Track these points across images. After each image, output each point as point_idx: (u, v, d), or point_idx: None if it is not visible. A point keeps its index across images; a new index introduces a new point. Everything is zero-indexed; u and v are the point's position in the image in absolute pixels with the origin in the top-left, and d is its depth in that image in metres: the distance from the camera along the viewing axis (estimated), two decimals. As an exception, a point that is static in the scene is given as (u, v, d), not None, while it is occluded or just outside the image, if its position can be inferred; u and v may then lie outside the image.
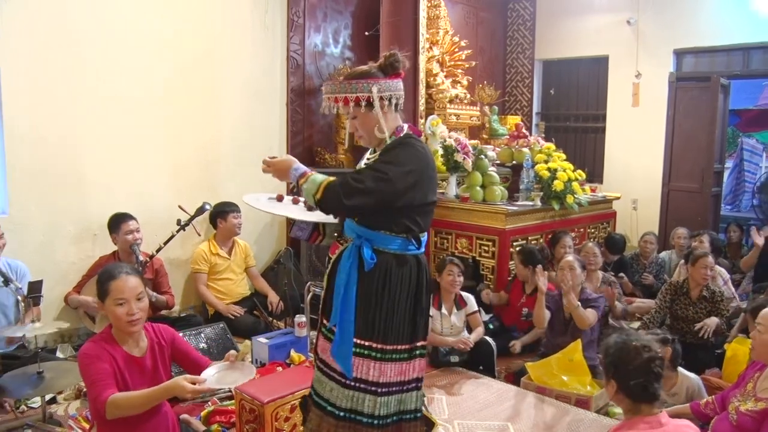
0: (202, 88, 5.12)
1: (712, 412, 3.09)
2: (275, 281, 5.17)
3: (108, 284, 2.60)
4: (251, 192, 5.32)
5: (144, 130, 4.80)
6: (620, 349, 2.28)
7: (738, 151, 11.83)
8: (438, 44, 6.17)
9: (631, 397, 2.22)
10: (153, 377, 2.69)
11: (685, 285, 4.67)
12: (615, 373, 2.25)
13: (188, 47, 5.00)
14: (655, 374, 2.21)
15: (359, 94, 2.39)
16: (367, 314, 2.36)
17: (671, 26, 7.05)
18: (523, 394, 3.98)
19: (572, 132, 8.06)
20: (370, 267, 2.35)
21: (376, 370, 2.37)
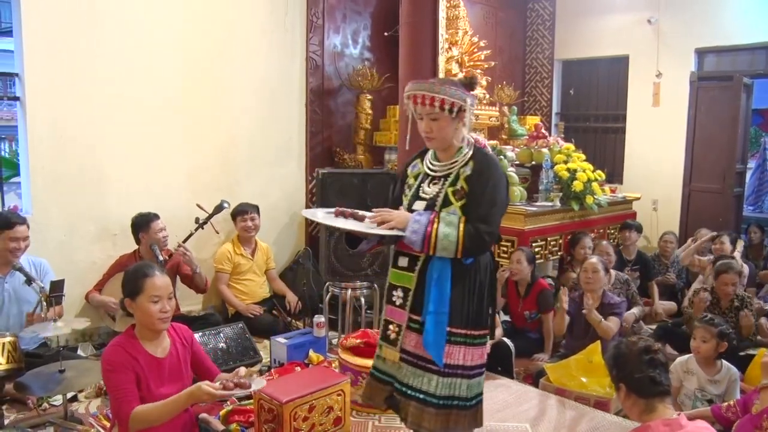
0: (220, 89, 5.16)
1: (734, 416, 3.06)
2: (294, 281, 5.19)
3: (142, 281, 2.64)
4: (269, 192, 5.42)
5: (163, 131, 4.84)
6: (617, 351, 2.33)
7: (761, 151, 11.69)
8: (457, 45, 6.15)
9: (641, 394, 2.21)
10: (176, 378, 2.72)
11: (714, 295, 4.61)
12: (619, 375, 2.27)
13: (207, 49, 5.03)
14: (656, 362, 2.23)
15: (454, 100, 2.46)
16: (461, 304, 2.51)
17: (692, 25, 6.97)
18: (542, 396, 3.96)
19: (592, 132, 8.00)
20: (469, 263, 2.52)
21: (468, 354, 2.54)
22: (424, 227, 2.44)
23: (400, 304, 2.62)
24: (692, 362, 3.70)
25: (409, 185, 2.70)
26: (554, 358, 4.46)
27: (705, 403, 3.53)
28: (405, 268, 2.62)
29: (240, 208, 5.07)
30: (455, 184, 2.53)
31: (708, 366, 3.64)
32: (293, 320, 4.99)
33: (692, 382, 3.66)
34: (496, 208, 2.49)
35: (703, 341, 3.60)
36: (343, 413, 3.25)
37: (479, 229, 2.42)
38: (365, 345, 3.77)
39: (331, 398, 3.18)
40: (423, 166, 2.68)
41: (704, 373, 3.64)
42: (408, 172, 2.75)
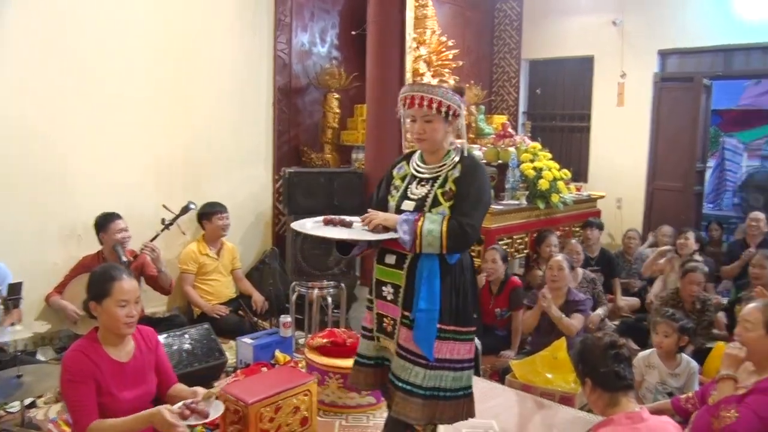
0: (187, 88, 5.10)
1: (692, 407, 3.13)
2: (260, 281, 5.16)
3: (110, 285, 2.59)
4: (236, 191, 5.38)
5: (129, 130, 4.77)
6: (583, 346, 2.37)
7: (720, 151, 11.94)
8: (425, 44, 6.17)
9: (607, 388, 2.25)
10: (139, 382, 2.68)
11: (679, 297, 4.70)
12: (585, 369, 2.31)
13: (174, 47, 4.97)
14: (621, 357, 2.27)
15: (450, 103, 2.55)
16: (448, 302, 2.60)
17: (656, 27, 7.10)
18: (508, 392, 3.99)
19: (558, 131, 8.09)
20: (454, 262, 2.61)
21: (456, 349, 2.63)
22: (411, 225, 2.52)
23: (391, 299, 2.69)
24: (654, 356, 3.79)
25: (395, 186, 2.76)
26: (520, 355, 4.50)
27: (666, 396, 3.61)
28: (393, 266, 2.68)
29: (215, 208, 5.02)
30: (444, 185, 2.61)
31: (669, 360, 3.73)
32: (259, 320, 4.96)
33: (654, 376, 3.73)
34: (480, 205, 2.59)
35: (665, 336, 3.69)
36: (310, 413, 3.24)
37: (461, 222, 2.50)
38: (332, 344, 3.77)
39: (297, 398, 3.17)
40: (409, 168, 2.74)
41: (665, 366, 3.72)
42: (394, 173, 2.80)
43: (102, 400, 2.53)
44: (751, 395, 2.71)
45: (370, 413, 3.70)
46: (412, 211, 2.60)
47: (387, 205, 2.74)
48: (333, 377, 3.67)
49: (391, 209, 2.69)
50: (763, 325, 2.77)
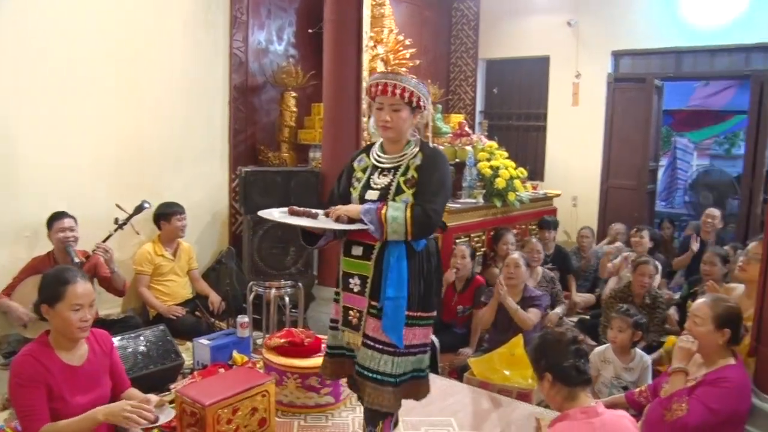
0: (141, 85, 5.00)
1: (645, 400, 3.21)
2: (217, 281, 5.10)
3: (63, 288, 2.52)
4: (192, 190, 5.30)
5: (80, 128, 4.65)
6: (544, 341, 2.40)
7: (671, 150, 12.25)
8: (382, 43, 6.17)
9: (567, 383, 2.28)
10: (92, 386, 2.63)
11: (629, 291, 4.79)
12: (547, 364, 2.33)
13: (127, 44, 4.86)
14: (581, 352, 2.32)
15: (420, 94, 2.64)
16: (414, 289, 2.67)
17: (609, 28, 7.23)
18: (466, 390, 4.02)
19: (514, 130, 8.18)
20: (421, 248, 2.69)
21: (420, 334, 2.74)
22: (374, 214, 2.56)
23: (358, 291, 2.74)
24: (609, 352, 3.86)
25: (357, 178, 2.80)
26: (478, 353, 4.54)
27: (620, 390, 3.69)
28: (360, 257, 2.73)
29: (173, 208, 4.93)
30: (406, 173, 2.68)
31: (623, 355, 3.81)
32: (216, 321, 4.90)
33: (609, 371, 3.81)
34: (442, 190, 2.66)
35: (619, 331, 3.78)
36: (268, 414, 3.22)
37: (424, 207, 2.57)
38: (289, 344, 3.74)
39: (255, 399, 3.14)
40: (370, 159, 2.79)
41: (620, 361, 3.80)
42: (354, 166, 2.84)
43: (54, 405, 2.47)
44: (699, 387, 2.79)
45: (329, 413, 3.69)
46: (376, 200, 2.65)
47: (350, 198, 2.77)
48: (291, 377, 3.65)
49: (355, 200, 2.73)
50: (712, 320, 2.85)
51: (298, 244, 4.47)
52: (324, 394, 3.69)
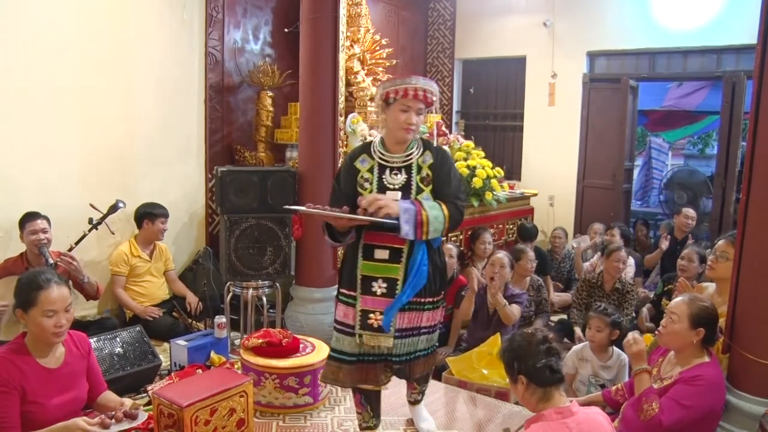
0: (115, 84, 4.94)
1: (621, 398, 3.23)
2: (194, 282, 5.06)
3: (36, 294, 2.48)
4: (168, 190, 5.25)
5: (54, 127, 4.58)
6: (514, 344, 2.39)
7: (647, 150, 12.40)
8: (359, 42, 6.17)
9: (541, 383, 2.28)
10: (69, 388, 2.60)
11: (600, 278, 4.90)
12: (520, 367, 2.32)
13: (101, 41, 4.80)
14: (553, 351, 2.32)
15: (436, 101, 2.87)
16: (432, 280, 2.90)
17: (584, 29, 7.30)
18: (444, 389, 4.03)
19: (491, 130, 8.22)
20: (438, 245, 2.95)
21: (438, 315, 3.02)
22: (414, 215, 2.68)
23: (383, 293, 2.84)
24: (586, 350, 3.90)
25: (365, 179, 2.86)
26: (456, 352, 4.55)
27: (598, 388, 3.73)
28: (386, 260, 2.83)
29: (159, 210, 4.90)
30: (420, 172, 2.83)
31: (601, 353, 3.85)
32: (194, 322, 4.87)
33: (586, 369, 3.84)
34: (461, 185, 2.95)
35: (597, 330, 3.81)
36: (246, 415, 3.19)
37: (456, 203, 2.82)
38: (267, 345, 3.73)
39: (233, 400, 3.12)
40: (374, 159, 2.87)
41: (597, 359, 3.84)
42: (358, 166, 2.88)
43: (27, 409, 2.44)
44: (674, 386, 2.82)
45: (307, 413, 3.68)
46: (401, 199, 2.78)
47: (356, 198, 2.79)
48: (269, 378, 3.63)
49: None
50: (688, 318, 2.88)
51: (275, 244, 4.52)
52: (302, 394, 3.68)
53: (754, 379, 2.96)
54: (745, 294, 3.01)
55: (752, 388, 2.96)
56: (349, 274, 2.92)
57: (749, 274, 2.99)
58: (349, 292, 2.91)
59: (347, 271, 2.93)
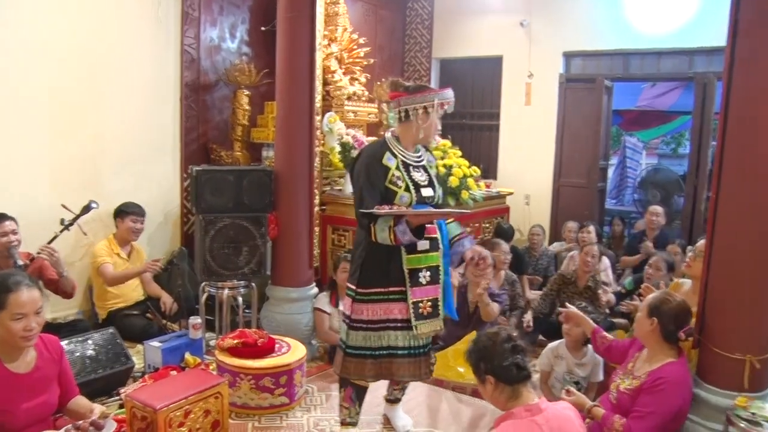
0: (88, 82, 4.87)
1: (602, 346, 3.34)
2: (169, 282, 5.01)
3: (5, 297, 2.43)
4: (142, 190, 5.19)
5: (25, 126, 4.50)
6: (480, 345, 2.41)
7: (621, 149, 12.53)
8: (336, 41, 6.16)
9: (509, 382, 2.29)
10: (40, 392, 2.56)
11: (574, 275, 4.95)
12: (487, 366, 2.34)
13: (74, 39, 4.73)
14: (518, 348, 2.33)
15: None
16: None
17: (560, 30, 7.34)
18: (420, 387, 4.04)
19: (468, 129, 8.24)
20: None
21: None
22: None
23: (428, 281, 3.06)
24: (562, 347, 3.93)
25: (397, 176, 3.00)
26: (432, 350, 4.56)
27: (573, 385, 3.75)
28: (427, 250, 3.05)
29: (130, 209, 4.85)
30: (431, 170, 3.18)
31: (576, 350, 3.88)
32: (168, 323, 4.81)
33: (561, 366, 3.88)
34: None
35: (576, 325, 3.85)
36: (222, 416, 3.18)
37: None
38: (243, 345, 3.72)
39: (208, 401, 3.11)
40: (397, 157, 3.05)
41: (572, 357, 3.88)
42: (387, 164, 3.01)
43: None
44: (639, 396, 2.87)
45: (283, 413, 3.69)
46: (433, 195, 3.10)
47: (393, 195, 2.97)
48: (245, 378, 3.62)
49: (406, 198, 2.98)
50: (647, 306, 2.99)
51: (251, 244, 4.49)
52: (278, 394, 3.67)
53: (722, 373, 3.02)
54: (714, 290, 3.07)
55: (720, 381, 3.03)
56: (388, 271, 3.03)
57: (718, 271, 3.05)
58: (396, 288, 3.04)
59: (384, 270, 3.03)
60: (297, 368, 3.78)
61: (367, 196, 2.96)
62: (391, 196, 2.97)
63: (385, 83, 7.07)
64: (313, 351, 4.65)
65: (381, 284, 3.04)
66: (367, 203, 2.92)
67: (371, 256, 3.03)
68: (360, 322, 3.06)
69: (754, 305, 2.96)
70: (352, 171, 3.13)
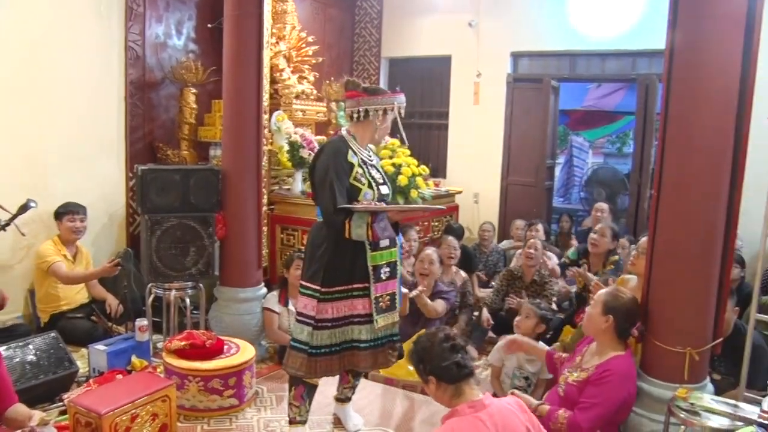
0: (26, 79, 4.71)
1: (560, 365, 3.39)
2: (114, 284, 4.90)
3: None
4: (86, 190, 5.06)
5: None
6: (420, 346, 2.42)
7: (568, 148, 12.77)
8: (285, 39, 6.11)
9: (451, 381, 2.31)
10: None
11: (520, 270, 5.04)
12: (427, 367, 2.36)
13: (13, 35, 4.58)
14: (457, 347, 2.35)
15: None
16: None
17: (508, 30, 7.43)
18: (371, 386, 4.06)
19: (417, 128, 8.28)
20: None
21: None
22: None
23: (388, 277, 3.16)
24: (513, 343, 3.99)
25: (359, 173, 3.07)
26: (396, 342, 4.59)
27: (523, 381, 3.82)
28: (388, 246, 3.15)
29: (69, 208, 4.72)
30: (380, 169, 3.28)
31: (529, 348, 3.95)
32: (114, 325, 4.72)
33: (512, 362, 3.93)
34: None
35: (526, 317, 3.96)
36: (170, 419, 3.14)
37: None
38: (191, 347, 3.66)
39: (155, 405, 3.06)
40: (357, 155, 3.12)
41: (523, 353, 3.93)
42: (352, 161, 3.07)
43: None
44: (586, 388, 2.93)
45: (233, 415, 3.65)
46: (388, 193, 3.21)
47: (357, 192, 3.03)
48: (193, 380, 3.58)
49: (369, 194, 3.05)
50: (601, 303, 3.05)
51: (199, 244, 4.43)
52: (227, 396, 3.64)
53: (663, 365, 3.11)
54: (656, 285, 3.15)
55: (662, 374, 3.11)
56: (353, 269, 3.08)
57: (660, 267, 3.13)
58: (360, 284, 3.10)
59: (348, 268, 3.08)
60: (246, 369, 3.74)
61: (337, 192, 2.98)
62: (355, 193, 3.02)
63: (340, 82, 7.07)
64: (262, 352, 4.61)
65: (345, 282, 3.09)
66: (339, 199, 2.95)
67: (336, 256, 3.05)
68: (325, 321, 3.07)
69: (693, 299, 3.05)
70: (313, 168, 3.16)
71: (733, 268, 3.59)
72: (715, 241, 3.03)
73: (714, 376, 3.55)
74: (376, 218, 2.98)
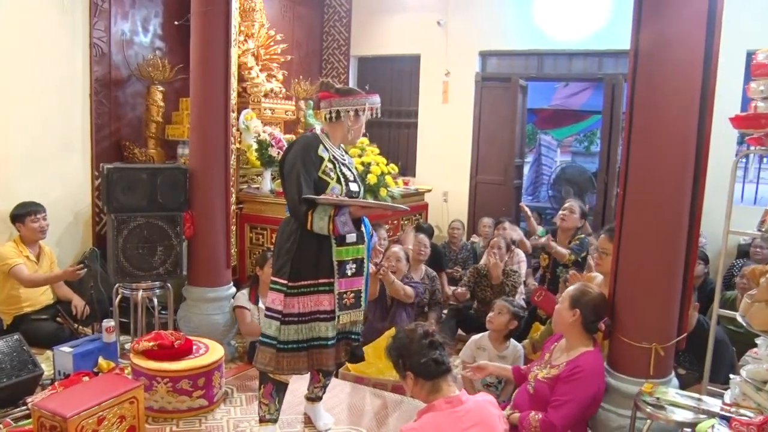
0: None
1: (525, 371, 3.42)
2: (80, 285, 4.82)
3: None
4: (50, 189, 4.98)
5: None
6: (398, 342, 2.45)
7: (536, 147, 12.90)
8: (253, 37, 6.07)
9: (428, 377, 2.34)
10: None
11: (486, 268, 5.08)
12: (405, 363, 2.38)
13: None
14: (436, 344, 2.38)
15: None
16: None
17: (476, 29, 7.48)
18: (341, 385, 4.06)
19: (386, 127, 8.29)
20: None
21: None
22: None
23: (353, 273, 3.16)
24: (485, 339, 4.04)
25: (329, 168, 3.10)
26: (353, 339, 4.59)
27: (494, 378, 3.85)
28: (355, 243, 3.15)
29: (27, 209, 4.61)
30: (352, 169, 3.30)
31: (498, 342, 4.00)
32: (80, 327, 4.65)
33: (484, 358, 3.96)
34: None
35: (498, 313, 3.99)
36: (138, 421, 3.11)
37: None
38: (159, 347, 3.63)
39: (123, 407, 3.03)
40: (329, 151, 3.14)
41: (494, 349, 3.99)
42: (322, 155, 3.10)
43: None
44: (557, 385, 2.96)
45: (202, 416, 3.62)
46: (359, 190, 3.24)
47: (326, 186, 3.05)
48: (161, 382, 3.54)
49: (338, 189, 3.08)
50: (569, 298, 3.11)
51: (166, 244, 4.38)
52: (196, 397, 3.61)
53: (630, 361, 3.16)
54: (622, 282, 3.20)
55: (628, 369, 3.16)
56: (318, 263, 3.08)
57: (626, 264, 3.18)
58: (325, 279, 3.09)
59: (314, 262, 3.08)
60: (215, 369, 3.72)
61: (304, 182, 3.00)
62: (323, 187, 3.04)
63: (309, 81, 7.07)
64: (231, 351, 4.58)
65: (311, 276, 3.08)
66: (304, 190, 2.98)
67: (302, 249, 3.06)
68: (292, 316, 3.07)
69: (658, 295, 3.11)
70: (283, 162, 3.16)
71: (697, 265, 3.66)
72: (679, 238, 3.09)
73: (679, 370, 3.62)
74: (338, 212, 2.97)
